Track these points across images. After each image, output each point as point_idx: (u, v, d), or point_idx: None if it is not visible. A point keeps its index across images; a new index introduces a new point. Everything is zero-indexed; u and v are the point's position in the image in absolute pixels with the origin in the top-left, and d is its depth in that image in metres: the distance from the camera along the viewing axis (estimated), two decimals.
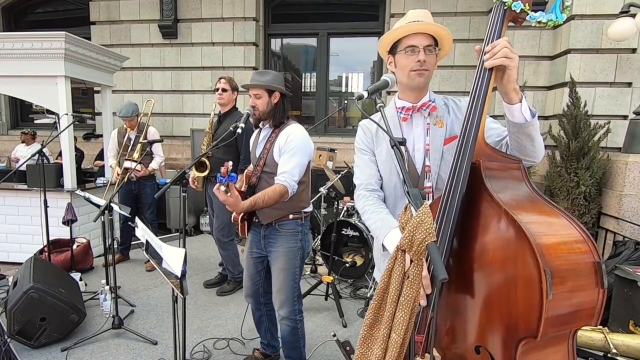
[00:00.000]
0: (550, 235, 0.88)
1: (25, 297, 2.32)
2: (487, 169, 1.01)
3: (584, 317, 0.88)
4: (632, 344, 2.05)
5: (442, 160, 1.30)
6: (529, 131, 1.06)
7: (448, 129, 1.32)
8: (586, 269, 0.87)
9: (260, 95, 1.95)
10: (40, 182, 3.19)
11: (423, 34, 1.27)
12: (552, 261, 0.83)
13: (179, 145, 5.72)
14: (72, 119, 3.52)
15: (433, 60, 1.29)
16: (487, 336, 0.98)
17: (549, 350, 0.92)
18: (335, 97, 5.93)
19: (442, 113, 1.34)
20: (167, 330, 2.68)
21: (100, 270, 3.67)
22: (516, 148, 1.12)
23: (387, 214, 1.28)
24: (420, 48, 1.26)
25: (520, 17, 1.07)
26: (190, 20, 5.55)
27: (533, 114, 1.06)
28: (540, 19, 1.04)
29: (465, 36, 4.95)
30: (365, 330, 1.06)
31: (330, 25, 5.56)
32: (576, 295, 0.86)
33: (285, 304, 2.01)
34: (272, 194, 1.82)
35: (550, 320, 0.84)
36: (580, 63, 3.79)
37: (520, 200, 0.98)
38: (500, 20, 1.06)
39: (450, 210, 1.04)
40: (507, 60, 1.01)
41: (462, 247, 1.04)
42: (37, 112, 6.11)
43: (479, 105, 1.06)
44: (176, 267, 1.53)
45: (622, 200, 3.16)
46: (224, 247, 3.24)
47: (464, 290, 1.04)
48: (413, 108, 1.34)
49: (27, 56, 3.59)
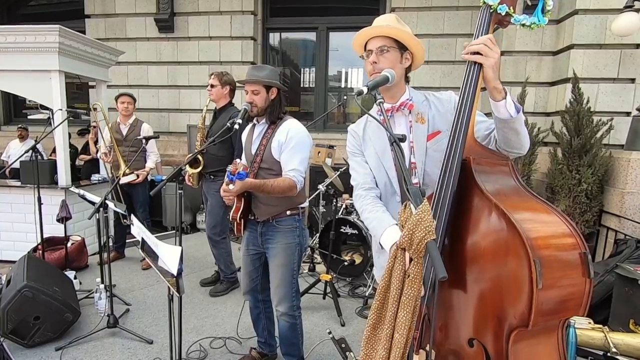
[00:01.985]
0: (539, 227, 0.93)
1: (19, 296, 2.31)
2: (477, 165, 1.06)
3: (572, 307, 0.92)
4: (632, 343, 2.03)
5: (427, 157, 1.32)
6: (514, 126, 1.09)
7: (430, 124, 1.33)
8: (573, 259, 0.91)
9: (258, 91, 1.92)
10: (34, 178, 3.16)
11: (377, 37, 1.31)
12: (541, 252, 0.88)
13: (175, 142, 5.67)
14: (66, 114, 3.49)
15: (386, 61, 1.30)
16: (480, 329, 1.02)
17: (539, 339, 0.96)
18: (335, 93, 5.88)
19: (423, 109, 1.35)
20: (163, 329, 2.66)
21: (95, 268, 3.64)
22: (503, 141, 1.15)
23: (383, 212, 1.30)
24: (373, 50, 1.30)
25: (506, 20, 1.13)
26: (187, 14, 5.47)
27: (518, 110, 1.08)
28: (524, 21, 1.10)
29: (467, 31, 4.89)
30: (369, 331, 1.07)
31: (330, 20, 5.50)
32: (565, 285, 0.91)
33: (284, 300, 2.01)
34: (282, 183, 1.83)
35: (541, 310, 0.88)
36: (584, 59, 3.75)
37: (509, 195, 1.03)
38: (486, 22, 1.11)
39: (442, 207, 1.07)
40: (480, 58, 1.06)
41: (454, 243, 1.08)
42: (30, 108, 6.05)
43: (468, 103, 1.11)
44: (172, 265, 1.52)
45: (624, 198, 3.13)
46: (216, 245, 3.21)
47: (457, 286, 1.07)
48: (393, 108, 1.35)
49: (20, 50, 3.55)
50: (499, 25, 1.15)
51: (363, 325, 2.89)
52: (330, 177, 3.60)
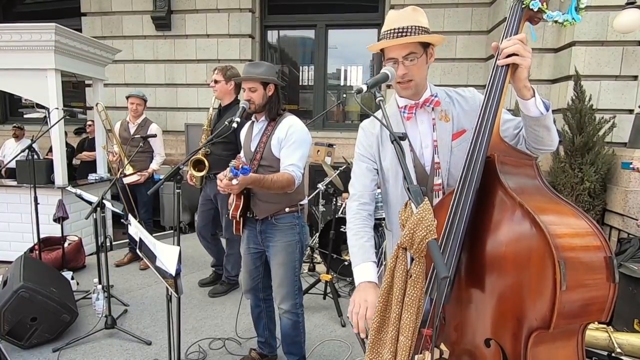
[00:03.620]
0: (564, 228, 0.91)
1: (16, 297, 2.30)
2: (502, 164, 1.03)
3: (594, 312, 0.91)
4: (637, 343, 2.01)
5: (452, 156, 1.27)
6: (545, 123, 1.08)
7: (455, 122, 1.29)
8: (598, 262, 0.90)
9: (255, 88, 1.93)
10: (30, 178, 3.13)
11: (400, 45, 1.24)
12: (566, 253, 0.86)
13: (173, 141, 5.63)
14: (62, 113, 3.48)
15: (416, 69, 1.26)
16: (499, 329, 1.00)
17: (559, 344, 0.95)
18: (334, 91, 5.84)
19: (446, 107, 1.31)
20: (162, 330, 2.64)
21: (92, 268, 3.61)
22: (533, 139, 1.14)
23: (366, 241, 1.34)
24: (399, 60, 1.24)
25: (537, 16, 1.08)
26: (184, 12, 5.43)
27: (547, 107, 1.07)
28: (557, 18, 1.06)
29: (467, 28, 4.87)
30: (373, 334, 1.04)
31: (329, 17, 5.46)
32: (588, 288, 0.89)
33: (286, 298, 2.01)
34: (282, 178, 1.83)
35: (563, 312, 0.87)
36: (585, 56, 3.72)
37: (533, 194, 1.00)
38: (517, 18, 1.08)
39: (464, 205, 1.05)
40: (518, 59, 1.02)
41: (475, 242, 1.06)
42: (26, 107, 6.02)
43: (494, 102, 1.07)
44: (171, 265, 1.52)
45: (627, 197, 3.11)
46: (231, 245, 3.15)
47: (476, 285, 1.06)
48: (416, 105, 1.31)
49: (16, 48, 3.53)
50: (530, 22, 1.11)
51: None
52: (329, 176, 3.58)
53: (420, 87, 1.30)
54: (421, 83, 1.29)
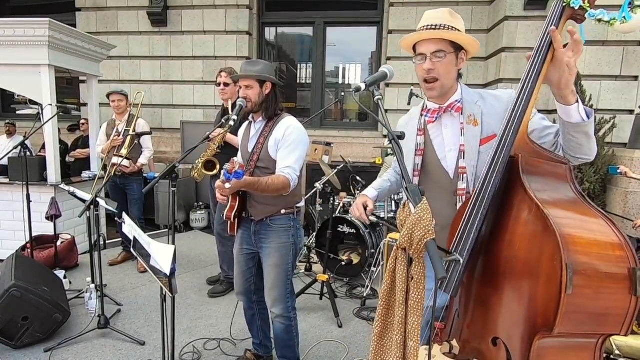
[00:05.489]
0: (583, 233, 0.89)
1: (7, 296, 2.28)
2: (527, 165, 1.03)
3: (611, 324, 0.88)
4: (635, 345, 2.01)
5: (480, 161, 1.26)
6: (586, 129, 1.07)
7: (484, 127, 1.28)
8: (619, 273, 0.86)
9: (251, 86, 1.91)
10: (22, 175, 3.08)
11: (431, 40, 1.23)
12: (578, 257, 0.85)
13: (168, 138, 5.59)
14: (56, 109, 3.44)
15: (443, 67, 1.24)
16: (505, 328, 1.01)
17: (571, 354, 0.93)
18: (332, 89, 5.81)
19: (476, 110, 1.29)
20: (156, 330, 2.61)
21: (85, 267, 3.58)
22: (570, 147, 1.12)
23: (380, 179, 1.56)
24: (427, 55, 1.23)
25: (579, 15, 1.06)
26: (181, 8, 5.39)
27: (589, 114, 1.06)
28: (601, 16, 1.02)
29: (467, 27, 4.75)
30: (376, 341, 1.03)
31: (327, 14, 5.42)
32: (603, 297, 0.86)
33: (278, 302, 1.98)
34: (277, 181, 1.80)
35: (569, 318, 0.85)
36: (586, 56, 3.71)
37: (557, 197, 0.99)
38: (557, 17, 1.07)
39: (480, 203, 1.06)
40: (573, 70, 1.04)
41: (492, 240, 1.07)
42: (19, 103, 5.94)
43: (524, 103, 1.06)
44: (165, 264, 1.49)
45: (627, 198, 3.11)
46: (224, 242, 3.12)
47: (491, 283, 1.06)
48: (440, 109, 1.32)
49: (8, 44, 3.47)
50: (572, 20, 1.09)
51: (361, 327, 2.85)
52: (327, 175, 3.54)
53: (446, 90, 1.29)
54: (447, 85, 1.28)
